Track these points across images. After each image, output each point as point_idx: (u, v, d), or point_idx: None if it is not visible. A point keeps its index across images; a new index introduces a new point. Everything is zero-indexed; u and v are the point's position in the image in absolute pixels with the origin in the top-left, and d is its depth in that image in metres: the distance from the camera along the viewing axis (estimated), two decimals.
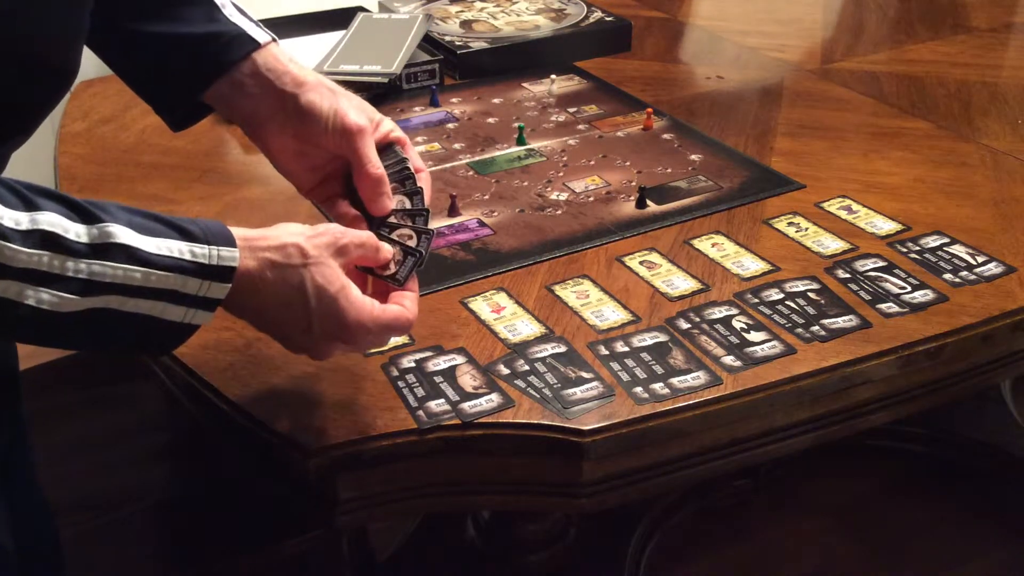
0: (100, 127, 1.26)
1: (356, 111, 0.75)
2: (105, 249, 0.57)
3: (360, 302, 0.68)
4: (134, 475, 1.16)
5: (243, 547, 1.06)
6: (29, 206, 0.55)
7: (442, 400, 0.77)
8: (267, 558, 1.06)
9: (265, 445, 0.75)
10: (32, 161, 0.73)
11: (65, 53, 0.67)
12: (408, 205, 0.76)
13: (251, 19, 0.79)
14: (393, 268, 0.73)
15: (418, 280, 0.74)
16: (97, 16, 0.76)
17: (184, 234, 0.61)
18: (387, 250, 0.73)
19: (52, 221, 0.56)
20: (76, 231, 0.57)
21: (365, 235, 0.71)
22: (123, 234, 0.58)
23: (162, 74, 0.79)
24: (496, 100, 1.33)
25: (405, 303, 0.71)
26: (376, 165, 0.74)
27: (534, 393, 0.78)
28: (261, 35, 0.78)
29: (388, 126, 0.77)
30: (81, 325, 0.58)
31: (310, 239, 0.66)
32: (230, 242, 0.62)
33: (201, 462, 1.20)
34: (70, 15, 0.66)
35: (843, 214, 1.04)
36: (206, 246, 0.61)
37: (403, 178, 0.76)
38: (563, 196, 1.08)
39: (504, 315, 0.87)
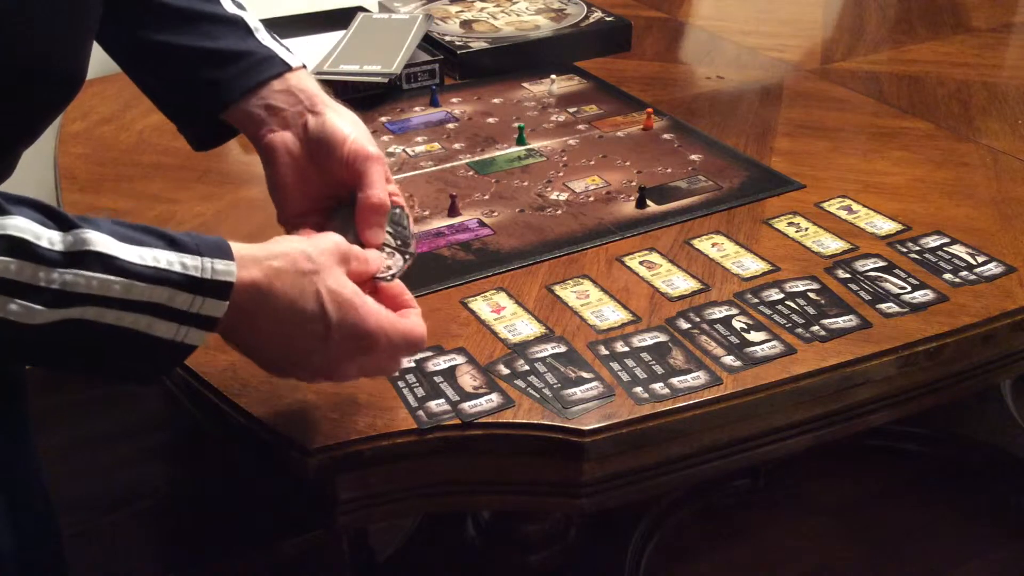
0: (100, 127, 1.26)
1: (373, 143, 0.75)
2: (80, 257, 0.53)
3: (377, 306, 0.65)
4: (134, 475, 1.16)
5: (243, 547, 1.06)
6: None
7: (442, 400, 0.77)
8: (267, 558, 1.06)
9: (265, 445, 0.75)
10: (32, 161, 0.73)
11: (72, 58, 0.67)
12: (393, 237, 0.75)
13: (283, 45, 0.80)
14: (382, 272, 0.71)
15: (418, 283, 0.73)
16: (124, 29, 0.76)
17: (173, 244, 0.57)
18: (377, 259, 0.71)
19: (21, 226, 0.52)
20: (49, 237, 0.53)
21: (357, 248, 0.68)
22: (101, 241, 0.54)
23: (189, 90, 0.78)
24: (496, 100, 1.33)
25: (412, 318, 0.69)
26: (383, 193, 0.73)
27: (534, 393, 0.78)
28: (293, 60, 0.78)
29: (394, 188, 0.77)
30: (56, 338, 0.54)
31: (314, 246, 0.64)
32: (226, 255, 0.58)
33: (201, 462, 1.20)
34: (77, 20, 0.66)
35: (843, 214, 1.04)
36: (198, 257, 0.57)
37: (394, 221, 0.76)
38: (563, 196, 1.08)
39: (504, 315, 0.87)
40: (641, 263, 0.95)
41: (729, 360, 0.81)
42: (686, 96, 1.37)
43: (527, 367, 0.81)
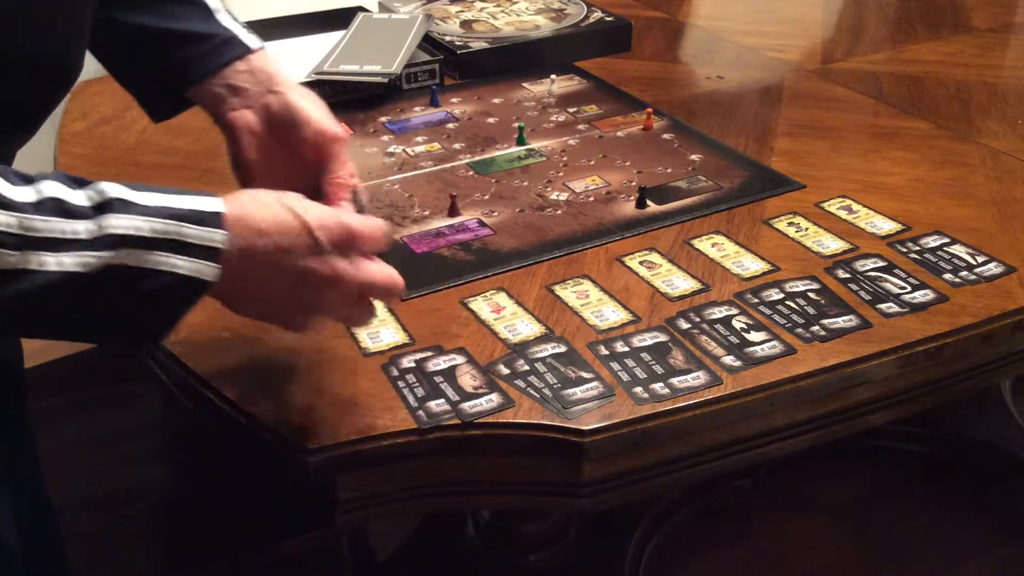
0: (100, 127, 1.26)
1: (336, 123, 0.77)
2: (106, 205, 0.58)
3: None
4: (134, 475, 1.16)
5: (243, 547, 1.06)
6: (29, 181, 0.57)
7: (442, 400, 0.77)
8: (267, 558, 1.06)
9: (265, 445, 0.75)
10: (32, 161, 0.74)
11: (69, 51, 0.68)
12: None
13: (243, 25, 0.82)
14: None
15: (418, 283, 0.73)
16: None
17: (166, 191, 0.62)
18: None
19: (54, 188, 0.57)
20: (75, 195, 0.58)
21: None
22: (116, 190, 0.59)
23: (153, 67, 0.80)
24: (496, 100, 1.33)
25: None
26: (350, 172, 0.76)
27: (534, 393, 0.78)
28: (253, 41, 0.81)
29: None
30: (101, 290, 0.58)
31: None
32: (209, 194, 0.63)
33: (201, 462, 1.20)
34: (74, 14, 0.67)
35: (843, 214, 1.04)
36: (189, 195, 0.62)
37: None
38: (563, 196, 1.08)
39: (504, 315, 0.87)
40: (641, 263, 0.95)
41: (729, 360, 0.81)
42: (686, 96, 1.37)
43: (527, 367, 0.81)
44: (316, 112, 0.76)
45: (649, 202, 1.06)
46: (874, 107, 1.33)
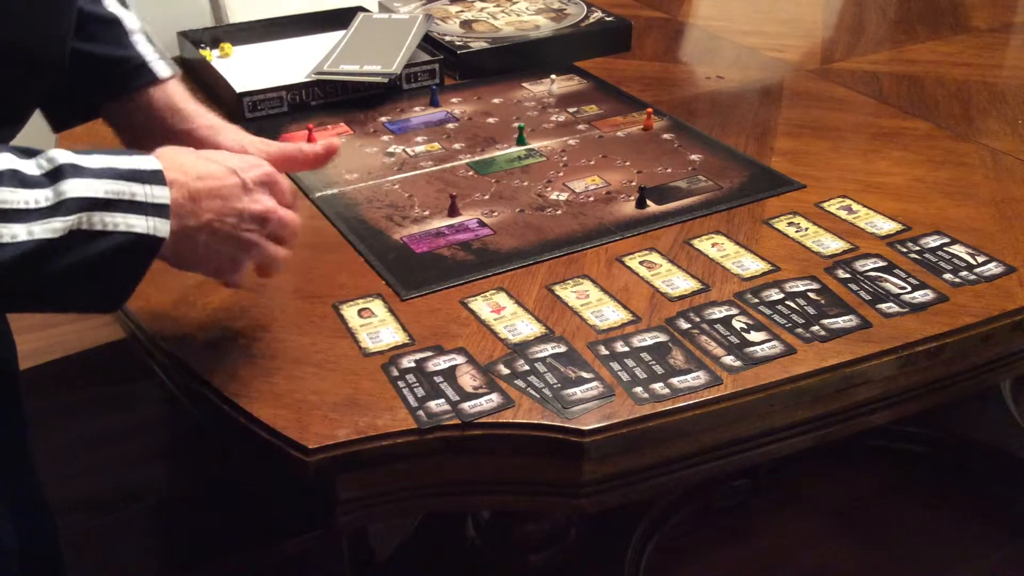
0: (100, 127, 1.25)
1: (265, 142, 0.81)
2: (58, 171, 0.60)
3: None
4: (134, 475, 1.16)
5: (243, 547, 1.06)
6: None
7: (442, 400, 0.77)
8: (267, 558, 1.06)
9: (265, 445, 0.75)
10: None
11: (59, 49, 0.69)
12: None
13: (160, 51, 0.83)
14: None
15: (418, 283, 0.74)
16: None
17: (106, 151, 0.64)
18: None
19: (8, 160, 0.59)
20: (27, 165, 0.60)
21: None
22: (63, 155, 0.61)
23: (63, 84, 0.80)
24: (496, 100, 1.33)
25: None
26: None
27: (534, 393, 0.78)
28: (164, 70, 0.82)
29: None
30: (67, 254, 0.60)
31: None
32: (144, 154, 0.66)
33: (201, 462, 1.20)
34: (65, 14, 0.68)
35: (843, 214, 1.04)
36: (128, 155, 0.64)
37: None
38: (563, 196, 1.08)
39: (504, 315, 0.87)
40: (641, 263, 0.95)
41: (729, 360, 0.81)
42: (686, 96, 1.37)
43: (527, 367, 0.81)
44: (243, 142, 0.80)
45: (649, 202, 1.06)
46: (874, 107, 1.33)
